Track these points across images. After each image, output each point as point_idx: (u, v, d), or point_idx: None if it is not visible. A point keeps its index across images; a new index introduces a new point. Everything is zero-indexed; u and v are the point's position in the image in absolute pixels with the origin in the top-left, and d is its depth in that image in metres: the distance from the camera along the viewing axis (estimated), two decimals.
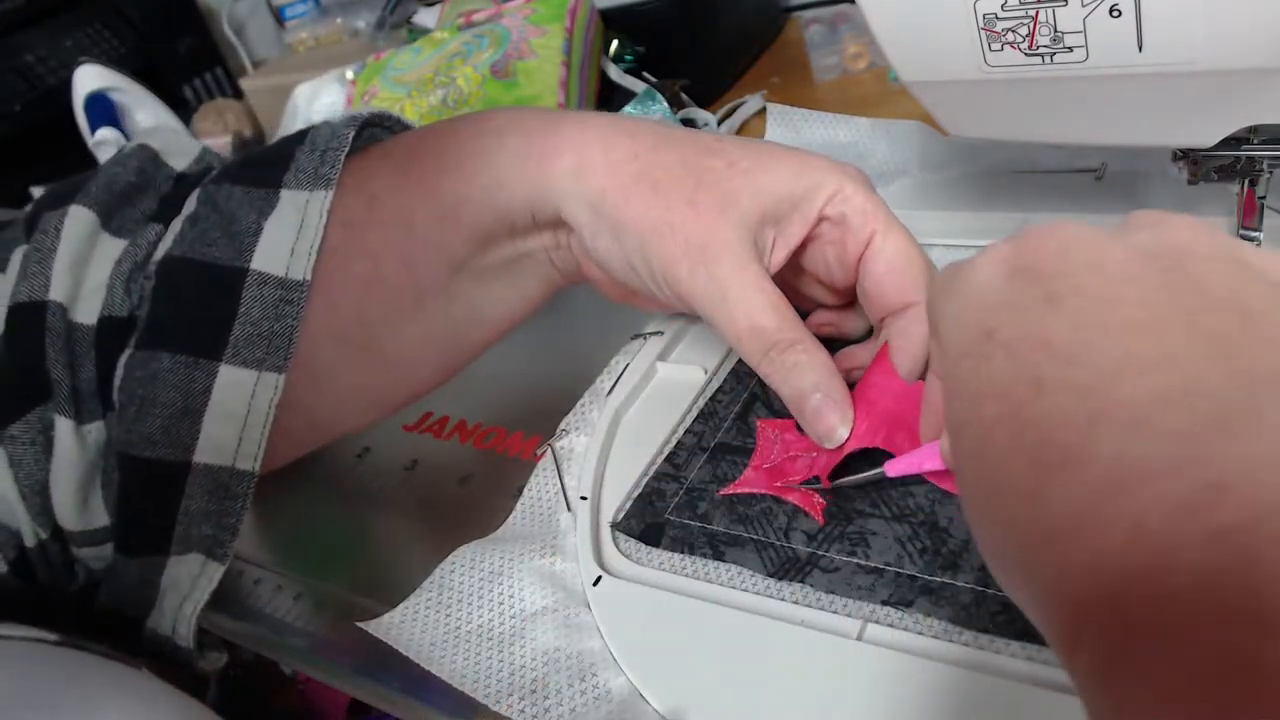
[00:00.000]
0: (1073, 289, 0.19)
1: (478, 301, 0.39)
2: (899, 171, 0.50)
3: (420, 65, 0.87)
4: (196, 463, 0.33)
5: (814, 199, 0.34)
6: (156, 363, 0.33)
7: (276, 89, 1.07)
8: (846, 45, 0.74)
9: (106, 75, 0.87)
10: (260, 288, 0.34)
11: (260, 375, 0.34)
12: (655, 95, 0.76)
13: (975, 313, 0.21)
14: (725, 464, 0.36)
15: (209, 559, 0.34)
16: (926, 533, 0.30)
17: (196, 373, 0.33)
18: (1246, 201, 0.35)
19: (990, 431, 0.19)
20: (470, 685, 0.30)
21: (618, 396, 0.40)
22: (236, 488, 0.34)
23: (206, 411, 0.33)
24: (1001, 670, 0.26)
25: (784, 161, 0.34)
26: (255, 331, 0.34)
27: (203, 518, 0.34)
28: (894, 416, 0.32)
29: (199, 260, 0.35)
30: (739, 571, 0.32)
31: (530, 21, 0.84)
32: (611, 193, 0.34)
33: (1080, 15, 0.29)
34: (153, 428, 0.33)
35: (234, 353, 0.34)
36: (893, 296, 0.34)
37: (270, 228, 0.35)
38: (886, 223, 0.34)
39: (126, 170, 0.38)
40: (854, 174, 0.35)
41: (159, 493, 0.33)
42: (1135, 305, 0.18)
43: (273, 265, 0.34)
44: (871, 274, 0.34)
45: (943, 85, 0.34)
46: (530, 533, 0.36)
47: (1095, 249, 0.20)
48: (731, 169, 0.34)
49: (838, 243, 0.35)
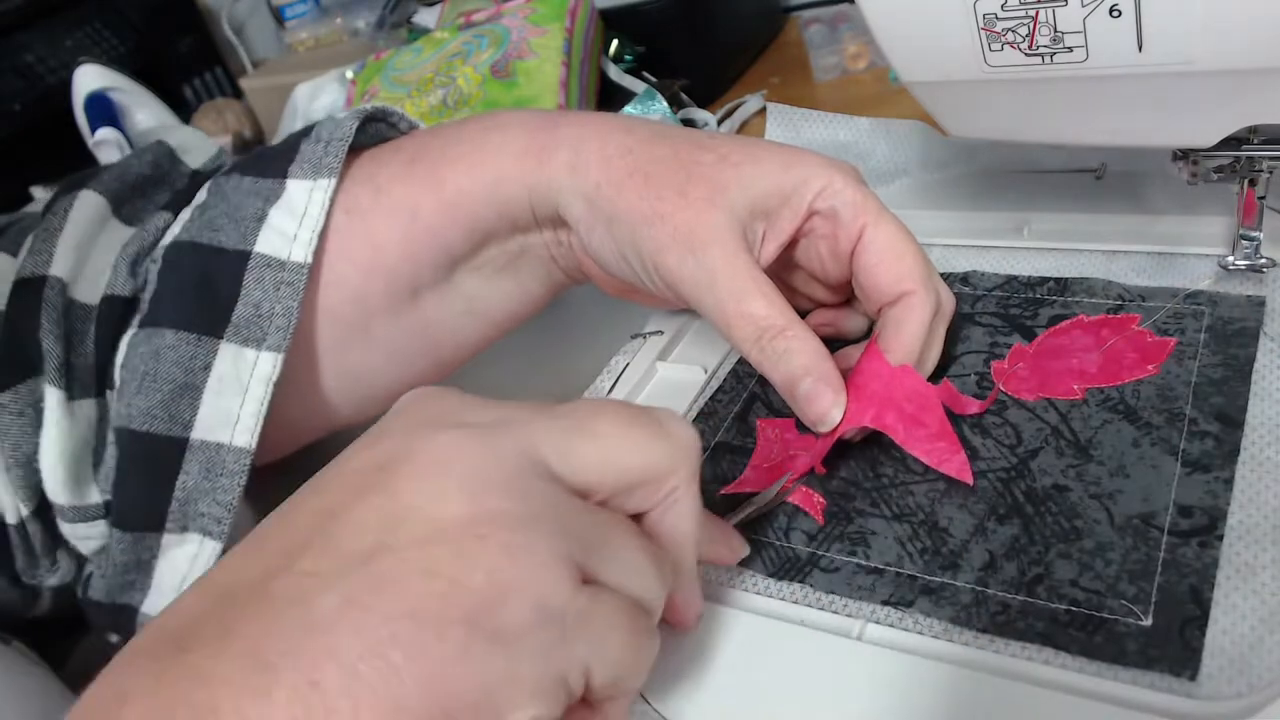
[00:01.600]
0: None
1: (479, 296, 0.39)
2: (899, 171, 0.50)
3: (420, 65, 0.87)
4: (194, 439, 0.34)
5: (803, 193, 0.34)
6: (160, 338, 0.34)
7: (276, 89, 1.07)
8: (846, 45, 0.74)
9: (106, 75, 0.87)
10: (263, 270, 0.35)
11: (260, 354, 0.34)
12: (655, 95, 0.76)
13: None
14: (725, 464, 0.36)
15: (205, 538, 0.34)
16: (926, 533, 0.30)
17: (199, 349, 0.34)
18: (1246, 201, 0.35)
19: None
20: None
21: (618, 396, 0.40)
22: (233, 464, 0.34)
23: (206, 388, 0.34)
24: (1001, 670, 0.26)
25: (774, 156, 0.35)
26: (256, 313, 0.35)
27: (199, 495, 0.34)
28: (882, 398, 0.32)
29: (205, 244, 0.35)
30: (739, 571, 0.32)
31: (530, 21, 0.84)
32: (606, 186, 0.35)
33: (1080, 15, 0.29)
34: (153, 402, 0.34)
35: (235, 331, 0.34)
36: (886, 286, 0.34)
37: (274, 214, 0.36)
38: (877, 214, 0.34)
39: (141, 163, 0.39)
40: (844, 168, 0.35)
41: (156, 468, 0.34)
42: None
43: (275, 249, 0.35)
44: (865, 265, 0.34)
45: (943, 85, 0.34)
46: None
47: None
48: (722, 162, 0.34)
49: (829, 236, 0.35)
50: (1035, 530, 0.29)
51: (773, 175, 0.34)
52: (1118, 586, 0.27)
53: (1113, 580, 0.27)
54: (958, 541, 0.30)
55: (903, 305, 0.33)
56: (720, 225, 0.33)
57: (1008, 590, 0.28)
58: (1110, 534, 0.28)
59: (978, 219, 0.45)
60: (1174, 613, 0.26)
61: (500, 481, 0.22)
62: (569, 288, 0.41)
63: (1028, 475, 0.31)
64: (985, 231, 0.44)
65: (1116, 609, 0.26)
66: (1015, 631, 0.27)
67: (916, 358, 0.33)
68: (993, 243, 0.43)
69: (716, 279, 0.33)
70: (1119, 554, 0.28)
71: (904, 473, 0.33)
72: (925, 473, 0.32)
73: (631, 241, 0.34)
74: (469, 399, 0.26)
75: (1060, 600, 0.27)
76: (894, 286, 0.34)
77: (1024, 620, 0.27)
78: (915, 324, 0.33)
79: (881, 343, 0.33)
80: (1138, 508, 0.29)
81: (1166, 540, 0.28)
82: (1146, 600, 0.26)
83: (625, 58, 0.84)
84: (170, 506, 0.34)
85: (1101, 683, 0.25)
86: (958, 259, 0.43)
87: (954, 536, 0.30)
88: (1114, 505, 0.29)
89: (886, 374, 0.33)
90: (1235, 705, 0.24)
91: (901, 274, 0.33)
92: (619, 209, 0.34)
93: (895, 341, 0.33)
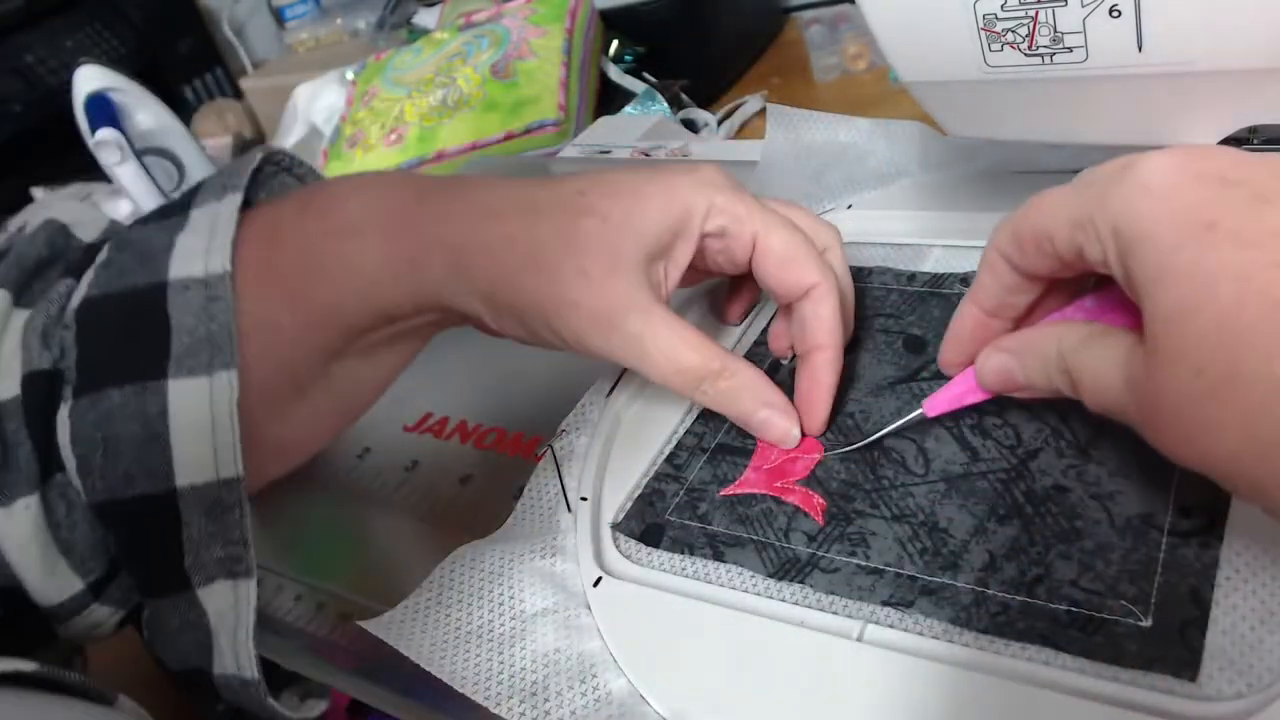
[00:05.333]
0: (1275, 191, 0.22)
1: (361, 373, 0.38)
2: (899, 171, 0.50)
3: (420, 65, 0.87)
4: (181, 487, 0.33)
5: (691, 224, 0.35)
6: (106, 401, 0.33)
7: (276, 89, 1.07)
8: (846, 45, 0.74)
9: (106, 76, 0.87)
10: (184, 293, 0.33)
11: (212, 378, 0.33)
12: (655, 95, 0.76)
13: (1184, 210, 0.23)
14: (725, 465, 0.36)
15: (235, 580, 0.33)
16: (926, 533, 0.30)
17: (148, 397, 0.32)
18: None
19: (1235, 311, 0.21)
20: (470, 687, 0.30)
21: (618, 396, 0.40)
22: (229, 498, 0.33)
23: (171, 433, 0.33)
24: (1001, 670, 0.26)
25: (651, 195, 0.35)
26: (192, 339, 0.33)
27: (208, 540, 0.33)
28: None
29: (118, 292, 0.34)
30: (739, 572, 0.32)
31: (530, 21, 0.84)
32: (501, 285, 0.34)
33: (1080, 15, 0.29)
34: (126, 465, 0.32)
35: (178, 366, 0.33)
36: (792, 285, 0.35)
37: (182, 240, 0.35)
38: (764, 221, 0.35)
39: (36, 245, 0.37)
40: (717, 182, 0.35)
41: (157, 529, 0.33)
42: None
43: (190, 269, 0.34)
44: (766, 270, 0.36)
45: (943, 85, 0.34)
46: (530, 533, 0.36)
47: (1256, 161, 0.23)
48: (606, 224, 0.34)
49: (725, 250, 0.36)
50: (1035, 531, 0.29)
51: (657, 217, 0.34)
52: (1118, 587, 0.27)
53: (1113, 581, 0.27)
54: (958, 542, 0.30)
55: (812, 299, 0.35)
56: (629, 292, 0.33)
57: (1008, 591, 0.28)
58: (1110, 534, 0.28)
59: (978, 219, 0.45)
60: (1174, 613, 0.26)
61: None
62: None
63: (1028, 476, 0.31)
64: (985, 231, 0.43)
65: (1116, 609, 0.26)
66: (1015, 632, 0.27)
67: (840, 339, 0.35)
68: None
69: (644, 346, 0.33)
70: (1119, 554, 0.28)
71: (904, 474, 0.33)
72: (925, 474, 0.32)
73: (547, 326, 0.34)
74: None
75: (1060, 601, 0.27)
76: (798, 284, 0.35)
77: (1024, 621, 0.27)
78: (829, 312, 0.35)
79: (806, 337, 0.35)
80: (1138, 508, 0.29)
81: (1166, 540, 0.28)
82: (1146, 601, 0.26)
83: (625, 58, 0.84)
84: (186, 561, 0.33)
85: (1101, 683, 0.25)
86: (958, 259, 0.43)
87: (954, 537, 0.30)
88: (1114, 505, 0.29)
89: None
90: (1235, 706, 0.24)
91: (801, 273, 0.35)
92: (523, 304, 0.34)
93: (820, 329, 0.35)
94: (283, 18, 1.26)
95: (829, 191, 0.49)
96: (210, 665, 0.34)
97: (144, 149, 0.88)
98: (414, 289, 0.35)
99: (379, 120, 0.85)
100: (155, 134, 0.90)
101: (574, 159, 0.68)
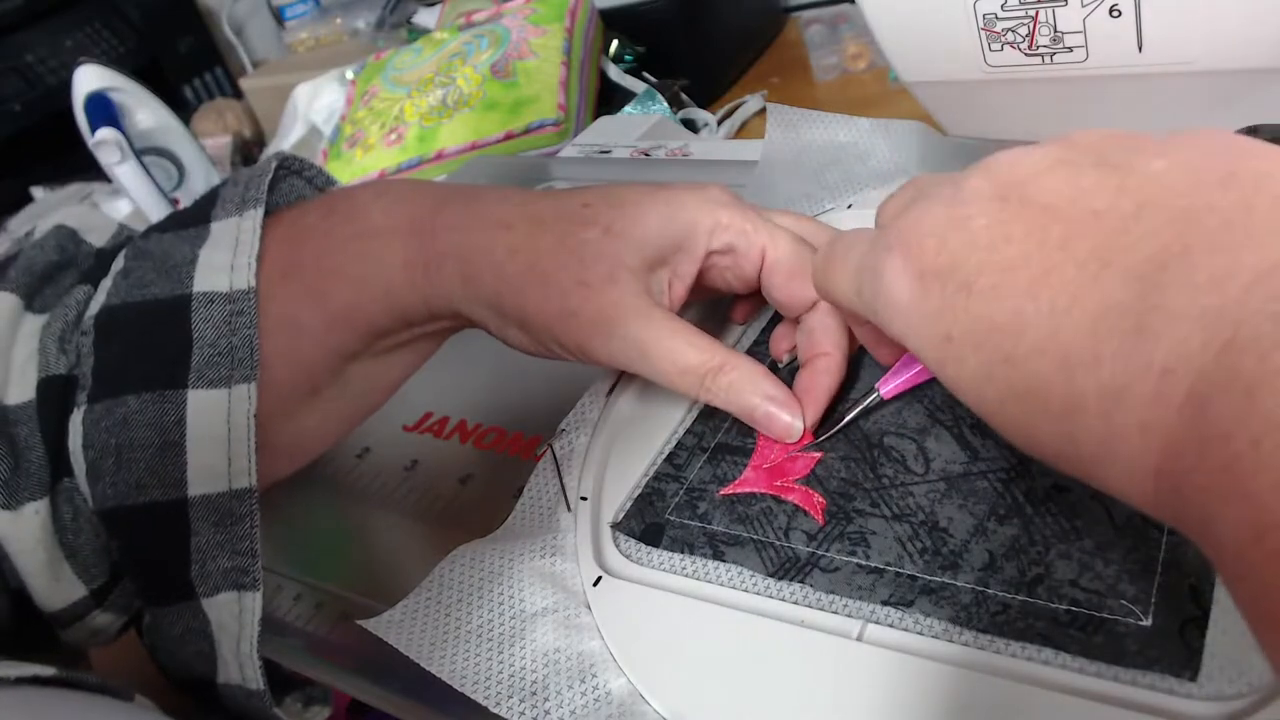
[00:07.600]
0: (974, 270, 0.23)
1: (375, 374, 0.38)
2: (899, 171, 0.50)
3: (420, 65, 0.87)
4: (193, 496, 0.33)
5: (696, 239, 0.35)
6: (123, 407, 0.33)
7: (276, 89, 1.07)
8: (846, 45, 0.74)
9: (106, 75, 0.87)
10: (208, 307, 0.34)
11: (231, 390, 0.33)
12: (655, 95, 0.76)
13: (925, 324, 0.24)
14: (725, 464, 0.36)
15: (241, 591, 0.33)
16: (926, 533, 0.30)
17: (166, 406, 0.33)
18: None
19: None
20: (470, 687, 0.30)
21: (618, 396, 0.40)
22: (240, 509, 0.33)
23: (187, 442, 0.33)
24: (1001, 670, 0.26)
25: (654, 209, 0.35)
26: (214, 351, 0.33)
27: (216, 550, 0.33)
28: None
29: (139, 301, 0.34)
30: (739, 571, 0.32)
31: (530, 21, 0.84)
32: (506, 294, 0.34)
33: (1080, 15, 0.29)
34: (139, 472, 0.32)
35: (198, 376, 0.33)
36: (801, 299, 0.36)
37: (205, 253, 0.35)
38: (771, 235, 0.35)
39: (46, 250, 0.37)
40: (722, 199, 0.36)
41: (164, 537, 0.33)
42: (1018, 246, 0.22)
43: (215, 284, 0.34)
44: (775, 284, 0.36)
45: (943, 85, 0.34)
46: (530, 533, 0.36)
47: (960, 228, 0.24)
48: (607, 235, 0.34)
49: (733, 267, 0.37)
50: (1035, 530, 0.29)
51: (658, 227, 0.35)
52: (1118, 586, 0.27)
53: (1113, 580, 0.27)
54: (958, 541, 0.30)
55: (820, 310, 0.36)
56: (629, 299, 0.34)
57: (1008, 590, 0.28)
58: (1110, 534, 0.28)
59: None
60: (1174, 613, 0.26)
61: None
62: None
63: (1028, 475, 0.31)
64: None
65: (1116, 609, 0.26)
66: (1015, 631, 0.27)
67: (845, 347, 0.36)
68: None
69: (645, 348, 0.34)
70: (1119, 554, 0.28)
71: (904, 473, 0.33)
72: (925, 473, 0.32)
73: (551, 336, 0.35)
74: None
75: (1060, 600, 0.27)
76: (807, 297, 0.35)
77: (1024, 620, 0.27)
78: (836, 322, 0.35)
79: (812, 344, 0.36)
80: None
81: (1166, 540, 0.28)
82: (1146, 600, 0.26)
83: (625, 58, 0.84)
84: (192, 570, 0.33)
85: (1101, 683, 0.25)
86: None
87: (954, 536, 0.30)
88: (1114, 505, 0.29)
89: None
90: (1235, 705, 0.24)
91: (810, 286, 0.35)
92: (528, 312, 0.34)
93: (824, 341, 0.35)
94: (282, 17, 1.26)
95: (829, 191, 0.49)
96: (213, 674, 0.34)
97: (144, 148, 0.88)
98: (429, 295, 0.35)
99: (379, 120, 0.85)
100: (155, 133, 0.90)
101: (574, 159, 0.68)
